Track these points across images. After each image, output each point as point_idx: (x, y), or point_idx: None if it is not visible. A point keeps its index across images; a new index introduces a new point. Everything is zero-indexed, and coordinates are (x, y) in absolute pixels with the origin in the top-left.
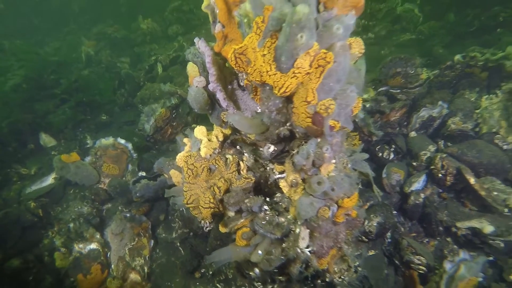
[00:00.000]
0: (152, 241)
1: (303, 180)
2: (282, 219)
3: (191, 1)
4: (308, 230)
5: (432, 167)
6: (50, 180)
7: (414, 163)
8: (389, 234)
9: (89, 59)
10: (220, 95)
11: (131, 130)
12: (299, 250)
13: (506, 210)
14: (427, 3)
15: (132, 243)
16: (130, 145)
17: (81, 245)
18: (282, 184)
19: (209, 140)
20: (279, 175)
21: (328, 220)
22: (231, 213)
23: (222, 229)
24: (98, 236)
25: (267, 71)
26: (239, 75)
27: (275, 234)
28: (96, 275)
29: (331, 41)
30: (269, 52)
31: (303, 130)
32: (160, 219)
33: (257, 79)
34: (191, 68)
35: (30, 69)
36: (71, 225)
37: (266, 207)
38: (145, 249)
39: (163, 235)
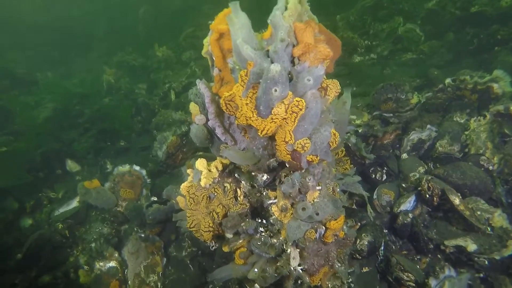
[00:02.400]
0: (165, 259)
1: (292, 205)
2: (275, 240)
3: (204, 27)
4: (297, 250)
5: (419, 188)
6: (75, 203)
7: (404, 185)
8: (382, 251)
9: (110, 87)
10: (218, 131)
11: (146, 155)
12: (292, 268)
13: (489, 229)
14: (428, 23)
15: (147, 261)
16: (144, 172)
17: (101, 263)
18: (274, 209)
19: (209, 170)
20: (272, 201)
21: (315, 240)
22: (229, 235)
23: (225, 249)
24: (116, 255)
25: (250, 117)
26: None
27: (270, 254)
28: None
29: (304, 90)
30: (251, 102)
31: None
32: (171, 238)
33: (243, 122)
34: (193, 107)
35: (59, 101)
36: (93, 245)
37: (261, 229)
38: (158, 266)
39: (174, 253)
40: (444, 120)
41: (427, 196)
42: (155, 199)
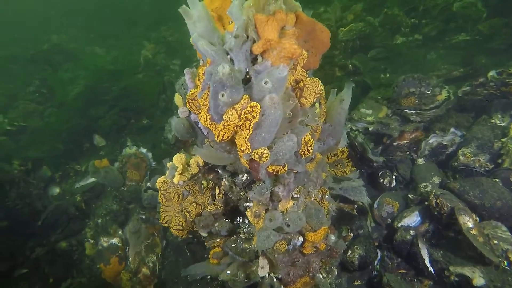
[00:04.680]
0: (165, 241)
1: (266, 212)
2: (247, 246)
3: None
4: (266, 260)
5: (427, 203)
6: (93, 178)
7: (411, 196)
8: (377, 266)
9: (147, 63)
10: (201, 125)
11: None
12: (266, 276)
13: (505, 262)
14: None
15: (148, 241)
16: (150, 155)
17: (105, 239)
18: (248, 213)
19: (188, 165)
20: (248, 204)
21: (287, 252)
22: (203, 234)
23: (207, 244)
24: (120, 232)
25: (205, 120)
26: None
27: (243, 258)
28: (114, 266)
29: (262, 94)
30: (204, 104)
31: None
32: None
33: (204, 124)
34: (177, 99)
35: (90, 78)
36: (99, 220)
37: (240, 229)
38: (158, 247)
39: (171, 237)
40: (475, 123)
41: (435, 212)
42: (150, 185)
